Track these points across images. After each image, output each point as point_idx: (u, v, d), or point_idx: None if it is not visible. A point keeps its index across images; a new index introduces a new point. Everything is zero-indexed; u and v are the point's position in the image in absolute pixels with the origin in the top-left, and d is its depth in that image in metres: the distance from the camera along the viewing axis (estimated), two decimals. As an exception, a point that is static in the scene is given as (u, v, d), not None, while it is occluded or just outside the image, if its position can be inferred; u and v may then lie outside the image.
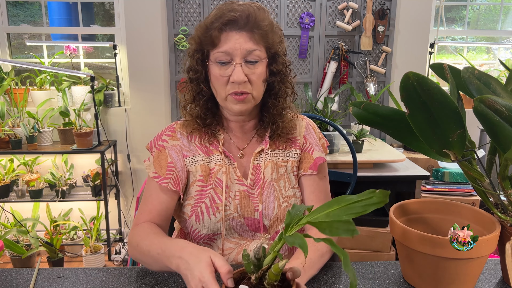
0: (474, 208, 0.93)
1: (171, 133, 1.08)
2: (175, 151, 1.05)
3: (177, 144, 1.06)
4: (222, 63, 0.96)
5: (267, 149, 1.07)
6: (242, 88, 0.96)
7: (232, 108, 1.00)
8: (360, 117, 0.90)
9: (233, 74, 0.95)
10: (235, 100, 0.97)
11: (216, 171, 1.03)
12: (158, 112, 2.84)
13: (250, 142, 1.09)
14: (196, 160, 1.05)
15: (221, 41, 0.95)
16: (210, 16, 0.97)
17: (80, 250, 2.70)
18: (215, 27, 0.94)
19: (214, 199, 1.02)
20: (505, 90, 0.84)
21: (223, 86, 0.98)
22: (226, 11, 0.95)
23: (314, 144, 1.11)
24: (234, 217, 1.03)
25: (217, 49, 0.96)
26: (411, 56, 2.86)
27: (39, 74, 2.79)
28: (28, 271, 0.95)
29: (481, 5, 3.14)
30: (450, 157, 0.82)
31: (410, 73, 0.74)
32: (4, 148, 2.58)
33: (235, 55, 0.95)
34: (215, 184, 1.03)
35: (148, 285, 0.90)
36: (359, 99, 2.60)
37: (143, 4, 2.69)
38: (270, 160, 1.07)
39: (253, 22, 0.95)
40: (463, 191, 2.41)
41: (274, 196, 1.05)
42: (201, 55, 1.00)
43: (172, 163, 1.03)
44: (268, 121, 1.06)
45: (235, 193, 1.03)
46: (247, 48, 0.95)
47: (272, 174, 1.06)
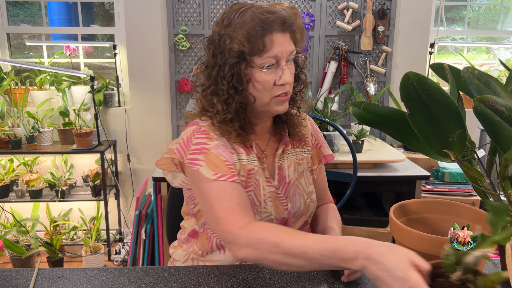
0: (474, 208, 0.93)
1: (204, 135, 0.97)
2: (222, 150, 0.96)
3: (219, 143, 0.97)
4: (269, 68, 0.95)
5: (287, 149, 1.09)
6: (288, 88, 0.98)
7: (276, 110, 0.99)
8: (360, 117, 0.90)
9: (282, 76, 0.95)
10: (280, 101, 0.98)
11: (255, 172, 1.01)
12: (158, 112, 2.84)
13: (269, 142, 1.09)
14: (240, 158, 1.00)
15: (270, 45, 0.93)
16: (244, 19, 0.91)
17: (80, 250, 2.70)
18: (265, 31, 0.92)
19: (254, 201, 1.01)
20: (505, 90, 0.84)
21: (269, 90, 0.96)
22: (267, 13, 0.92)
23: (322, 141, 1.19)
24: (271, 219, 1.04)
25: (266, 54, 0.93)
26: (411, 56, 2.86)
27: (39, 74, 2.79)
28: (28, 271, 0.95)
29: (481, 5, 3.14)
30: (450, 157, 0.82)
31: (410, 73, 0.74)
32: (4, 148, 2.58)
33: (281, 58, 0.95)
34: (254, 185, 1.01)
35: (148, 285, 0.90)
36: (359, 99, 2.61)
37: (143, 4, 2.69)
38: (291, 159, 1.10)
39: (290, 23, 0.95)
40: (463, 191, 2.41)
41: (299, 194, 1.09)
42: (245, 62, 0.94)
43: (227, 161, 0.94)
44: (284, 118, 1.09)
45: (268, 195, 1.03)
46: (290, 50, 0.96)
47: (294, 173, 1.10)
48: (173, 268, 0.97)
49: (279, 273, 0.94)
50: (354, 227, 2.13)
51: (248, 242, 0.82)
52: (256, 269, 0.96)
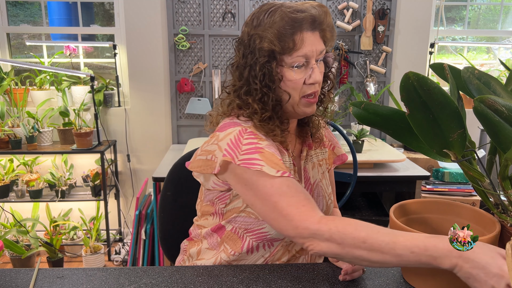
0: (474, 208, 0.93)
1: (253, 136, 0.94)
2: (274, 149, 0.94)
3: (269, 144, 0.95)
4: (299, 67, 0.94)
5: (310, 151, 1.10)
6: (318, 87, 0.98)
7: (304, 111, 0.99)
8: (360, 117, 0.90)
9: (312, 75, 0.95)
10: (308, 102, 0.98)
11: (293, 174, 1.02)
12: (158, 112, 2.84)
13: (296, 144, 1.10)
14: (285, 160, 1.00)
15: (300, 44, 0.92)
16: (274, 19, 0.92)
17: (80, 250, 2.70)
18: (295, 30, 0.92)
19: None
20: (505, 90, 0.84)
21: (298, 90, 0.96)
22: (297, 11, 0.92)
23: (335, 141, 1.20)
24: None
25: (296, 53, 0.93)
26: (411, 56, 2.86)
27: (39, 74, 2.79)
28: (28, 271, 0.95)
29: (481, 5, 3.14)
30: (450, 157, 0.82)
31: (410, 73, 0.74)
32: (4, 148, 2.58)
33: (311, 57, 0.94)
34: None
35: (148, 285, 0.90)
36: (359, 99, 2.61)
37: (143, 4, 2.69)
38: (314, 161, 1.11)
39: (320, 22, 0.95)
40: (463, 191, 2.41)
41: (322, 195, 1.11)
42: (275, 60, 0.94)
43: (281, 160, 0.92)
44: (307, 120, 1.08)
45: None
46: (320, 49, 0.95)
47: (318, 174, 1.11)
48: (173, 268, 0.97)
49: (279, 273, 0.94)
50: (354, 227, 2.13)
51: (330, 236, 0.79)
52: (256, 269, 0.96)
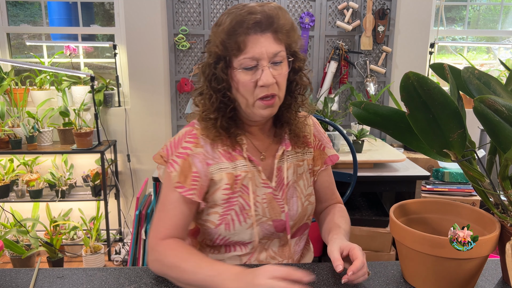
0: (474, 208, 0.93)
1: (193, 139, 1.01)
2: (199, 160, 0.99)
3: (201, 152, 1.00)
4: (248, 69, 0.94)
5: (288, 150, 1.07)
6: (272, 90, 0.95)
7: (260, 114, 0.98)
8: (360, 117, 0.90)
9: (262, 77, 0.93)
10: (264, 105, 0.96)
11: (242, 177, 1.01)
12: (158, 112, 2.84)
13: (270, 144, 1.08)
14: (221, 168, 1.01)
15: (247, 46, 0.92)
16: (226, 22, 0.93)
17: (80, 250, 2.70)
18: (240, 32, 0.91)
19: (243, 206, 1.01)
20: (505, 90, 0.84)
21: (251, 92, 0.95)
22: (246, 13, 0.91)
23: (325, 141, 1.16)
24: (263, 221, 1.03)
25: (243, 55, 0.92)
26: (411, 56, 2.85)
27: (39, 74, 2.79)
28: (28, 271, 0.95)
29: (481, 5, 3.14)
30: (450, 157, 0.82)
31: (410, 73, 0.74)
32: (4, 148, 2.58)
33: (261, 59, 0.93)
34: (242, 190, 1.01)
35: (148, 285, 0.90)
36: (359, 99, 2.60)
37: (143, 4, 2.69)
38: (291, 161, 1.08)
39: (276, 23, 0.93)
40: (463, 191, 2.41)
41: (297, 196, 1.07)
42: (224, 62, 0.95)
43: (197, 172, 0.98)
44: (286, 119, 1.06)
45: (262, 197, 1.03)
46: (272, 51, 0.93)
47: (293, 175, 1.08)
48: (173, 268, 0.97)
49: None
50: (354, 227, 2.13)
51: (156, 256, 0.93)
52: (256, 269, 0.96)
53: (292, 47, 0.99)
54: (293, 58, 1.00)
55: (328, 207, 1.18)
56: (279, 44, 0.95)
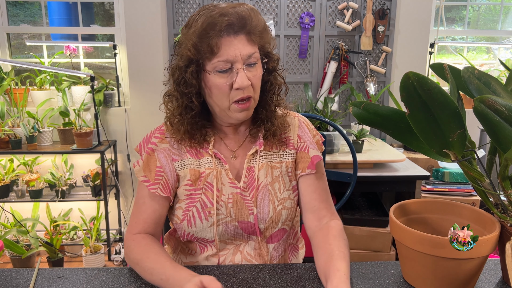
0: (474, 208, 0.93)
1: (160, 135, 1.04)
2: (164, 155, 1.02)
3: (166, 147, 1.03)
4: (223, 72, 0.92)
5: (261, 150, 1.03)
6: (247, 92, 0.93)
7: (236, 117, 0.97)
8: (360, 117, 0.90)
9: (237, 80, 0.91)
10: (240, 108, 0.95)
11: (206, 174, 1.00)
12: (158, 112, 2.80)
13: (243, 143, 1.06)
14: (185, 164, 1.02)
15: (221, 48, 0.90)
16: (197, 24, 0.90)
17: (80, 250, 2.70)
18: (212, 35, 0.89)
19: (206, 203, 1.00)
20: (505, 90, 0.84)
21: (226, 95, 0.93)
22: (218, 15, 0.89)
23: (309, 142, 1.08)
24: (227, 221, 1.00)
25: (216, 58, 0.90)
26: (411, 56, 2.85)
27: (39, 74, 2.79)
28: (28, 271, 0.95)
29: (481, 5, 3.14)
30: (450, 157, 0.82)
31: (410, 73, 0.74)
32: (4, 148, 2.58)
33: (236, 61, 0.91)
34: (205, 188, 1.00)
35: (148, 285, 0.90)
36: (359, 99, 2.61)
37: (143, 4, 2.69)
38: (264, 162, 1.04)
39: (249, 25, 0.92)
40: (463, 191, 2.41)
41: (269, 199, 1.02)
42: (196, 66, 0.93)
43: (161, 167, 1.01)
44: (262, 119, 1.03)
45: (228, 196, 1.01)
46: (246, 53, 0.91)
47: (266, 176, 1.03)
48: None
49: (279, 273, 0.94)
50: (354, 227, 2.13)
51: (126, 253, 0.98)
52: (256, 269, 0.96)
53: (266, 47, 0.98)
54: (267, 59, 0.99)
55: (321, 230, 1.01)
56: (253, 46, 0.93)
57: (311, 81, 2.88)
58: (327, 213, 1.05)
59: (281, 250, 1.09)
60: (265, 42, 0.97)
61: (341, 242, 0.94)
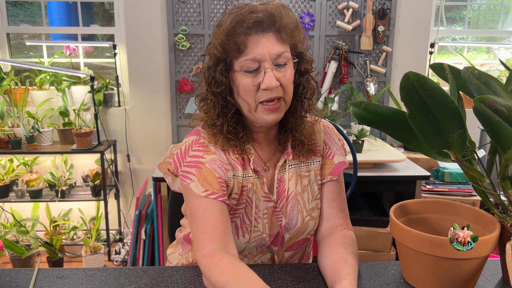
0: (474, 208, 0.93)
1: (203, 148, 0.95)
2: (218, 165, 0.93)
3: (215, 158, 0.94)
4: (250, 71, 0.88)
5: (290, 160, 1.00)
6: (276, 93, 0.89)
7: (264, 119, 0.92)
8: (360, 117, 0.90)
9: (264, 80, 0.87)
10: (267, 110, 0.90)
11: (248, 189, 0.96)
12: (158, 112, 2.83)
13: (274, 153, 1.02)
14: (235, 175, 0.95)
15: (248, 47, 0.87)
16: (226, 22, 0.88)
17: (80, 250, 2.70)
18: (240, 32, 0.86)
19: (244, 220, 0.96)
20: (505, 90, 0.84)
21: (253, 96, 0.90)
22: (247, 13, 0.86)
23: (335, 148, 1.05)
24: (263, 237, 0.98)
25: (243, 57, 0.87)
26: (411, 56, 2.85)
27: (39, 74, 2.79)
28: (28, 271, 0.95)
29: (481, 5, 3.14)
30: (450, 157, 0.82)
31: (410, 73, 0.74)
32: (4, 148, 2.58)
33: (264, 60, 0.87)
34: (247, 203, 0.97)
35: (148, 285, 0.90)
36: (359, 99, 2.61)
37: (143, 4, 2.69)
38: (294, 171, 1.00)
39: (278, 22, 0.87)
40: (463, 191, 2.41)
41: (298, 210, 1.00)
42: (224, 65, 0.90)
43: (220, 178, 0.92)
44: (291, 126, 0.99)
45: (263, 212, 0.97)
46: (275, 52, 0.87)
47: (296, 186, 1.00)
48: (173, 268, 0.97)
49: (279, 273, 0.94)
50: (354, 227, 2.12)
51: (204, 273, 0.84)
52: (256, 269, 0.96)
53: (298, 47, 0.93)
54: (299, 59, 0.94)
55: (335, 235, 0.99)
56: (283, 45, 0.89)
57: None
58: (342, 222, 1.04)
59: (297, 257, 1.08)
60: (296, 42, 0.92)
61: (354, 253, 0.93)
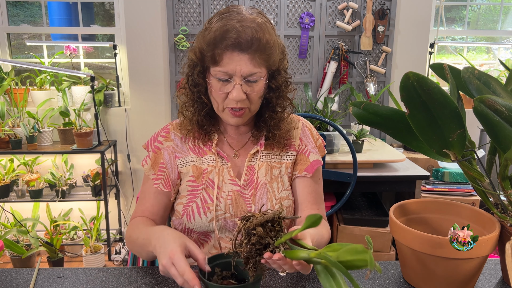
0: (474, 208, 0.93)
1: (165, 134, 1.10)
2: (168, 152, 1.08)
3: (170, 145, 1.08)
4: (222, 80, 0.95)
5: (262, 151, 1.08)
6: (241, 104, 0.97)
7: (228, 121, 1.02)
8: (360, 117, 0.90)
9: (232, 92, 0.95)
10: (232, 115, 0.99)
11: (209, 171, 1.05)
12: (158, 112, 2.84)
13: (246, 143, 1.10)
14: (187, 161, 1.07)
15: (223, 60, 0.93)
16: (212, 29, 0.93)
17: (80, 250, 2.70)
18: (219, 46, 0.92)
19: (206, 199, 1.03)
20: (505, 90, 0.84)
21: (222, 100, 0.98)
22: (230, 29, 0.90)
23: (311, 146, 1.12)
24: (226, 217, 1.04)
25: (218, 67, 0.94)
26: (411, 56, 2.86)
27: (39, 74, 2.79)
28: (28, 271, 0.96)
29: (481, 5, 3.14)
30: (450, 157, 0.82)
31: (410, 73, 0.74)
32: (4, 148, 2.58)
33: (235, 75, 0.94)
34: (207, 184, 1.04)
35: (148, 285, 0.90)
36: (359, 99, 2.61)
37: (143, 4, 2.70)
38: (264, 161, 1.08)
39: (256, 46, 0.91)
40: (463, 191, 2.41)
41: (267, 197, 1.05)
42: (202, 67, 0.99)
43: (164, 164, 1.07)
44: (264, 121, 1.06)
45: (228, 193, 1.04)
46: (247, 72, 0.93)
47: (265, 175, 1.07)
48: (173, 268, 0.97)
49: (279, 272, 0.94)
50: (354, 227, 2.13)
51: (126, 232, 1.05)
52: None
53: (273, 66, 0.99)
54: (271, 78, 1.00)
55: None
56: (256, 66, 0.93)
57: (311, 81, 2.88)
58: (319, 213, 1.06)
59: None
60: (272, 62, 0.97)
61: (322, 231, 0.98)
